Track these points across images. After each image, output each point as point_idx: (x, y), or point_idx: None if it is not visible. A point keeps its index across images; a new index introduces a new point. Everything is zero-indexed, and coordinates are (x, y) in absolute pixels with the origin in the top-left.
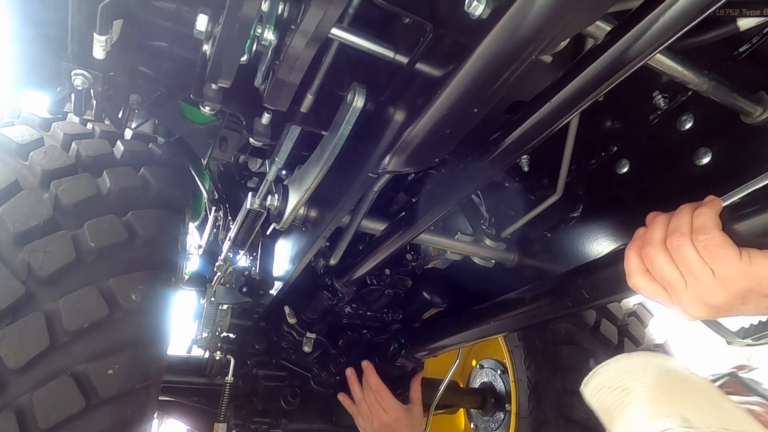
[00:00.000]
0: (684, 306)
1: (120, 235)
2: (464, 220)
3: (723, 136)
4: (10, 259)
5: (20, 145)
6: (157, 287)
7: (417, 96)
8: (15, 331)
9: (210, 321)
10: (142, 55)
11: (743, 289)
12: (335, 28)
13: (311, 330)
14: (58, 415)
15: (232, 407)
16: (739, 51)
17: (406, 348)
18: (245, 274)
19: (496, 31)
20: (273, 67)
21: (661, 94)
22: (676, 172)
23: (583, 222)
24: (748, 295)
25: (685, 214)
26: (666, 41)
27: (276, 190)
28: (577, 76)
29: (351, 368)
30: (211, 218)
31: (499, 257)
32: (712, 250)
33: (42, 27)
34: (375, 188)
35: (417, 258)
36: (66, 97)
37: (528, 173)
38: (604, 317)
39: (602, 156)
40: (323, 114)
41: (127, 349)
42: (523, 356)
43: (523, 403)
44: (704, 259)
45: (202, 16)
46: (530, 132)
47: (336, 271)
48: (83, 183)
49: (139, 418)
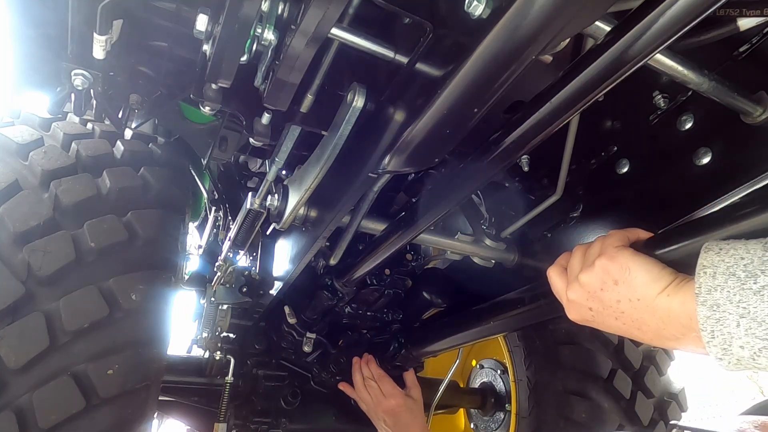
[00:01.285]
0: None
1: (120, 235)
2: (464, 220)
3: (723, 136)
4: (10, 259)
5: (20, 145)
6: (157, 287)
7: (417, 96)
8: (15, 331)
9: (210, 321)
10: (142, 55)
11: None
12: (335, 28)
13: (311, 330)
14: (58, 415)
15: (232, 407)
16: (739, 51)
17: (406, 348)
18: (245, 274)
19: (496, 31)
20: (273, 67)
21: (661, 94)
22: (676, 172)
23: (583, 222)
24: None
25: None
26: (666, 41)
27: (276, 190)
28: (577, 76)
29: (357, 357)
30: (211, 218)
31: (499, 257)
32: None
33: (42, 27)
34: (375, 188)
35: (417, 258)
36: (66, 97)
37: (528, 173)
38: None
39: (602, 156)
40: (323, 114)
41: (127, 349)
42: (523, 356)
43: (524, 403)
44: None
45: (202, 16)
46: (530, 132)
47: (336, 271)
48: (83, 183)
49: (139, 418)
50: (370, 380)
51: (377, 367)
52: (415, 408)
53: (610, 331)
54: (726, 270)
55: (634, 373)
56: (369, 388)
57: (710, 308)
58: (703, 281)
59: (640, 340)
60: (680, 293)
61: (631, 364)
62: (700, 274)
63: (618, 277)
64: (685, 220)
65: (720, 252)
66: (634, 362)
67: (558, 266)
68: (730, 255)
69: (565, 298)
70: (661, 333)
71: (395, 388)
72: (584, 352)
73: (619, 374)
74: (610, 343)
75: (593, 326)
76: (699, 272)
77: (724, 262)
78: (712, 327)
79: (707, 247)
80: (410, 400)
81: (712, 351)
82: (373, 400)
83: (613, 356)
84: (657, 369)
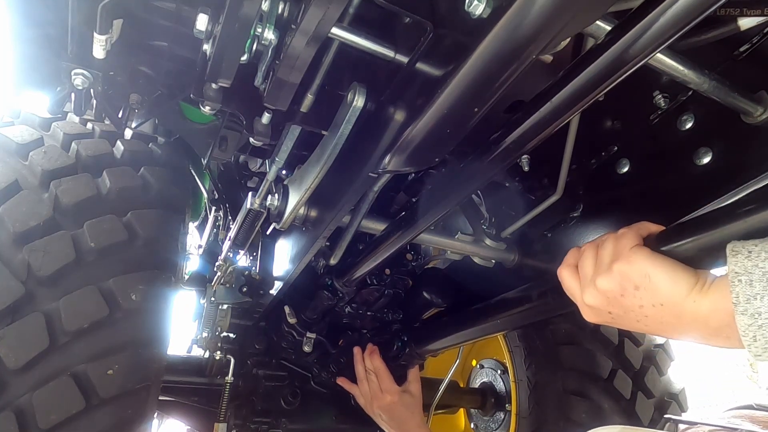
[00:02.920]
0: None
1: (120, 235)
2: (464, 219)
3: (723, 135)
4: (10, 260)
5: (20, 145)
6: (157, 287)
7: (417, 95)
8: (15, 331)
9: (210, 321)
10: (142, 54)
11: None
12: (335, 27)
13: (311, 330)
14: (57, 415)
15: (232, 407)
16: (739, 50)
17: (410, 346)
18: (245, 273)
19: (496, 30)
20: (273, 66)
21: (662, 93)
22: (677, 171)
23: (583, 222)
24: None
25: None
26: (666, 41)
27: (276, 189)
28: (577, 75)
29: (358, 348)
30: (211, 218)
31: (499, 257)
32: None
33: (42, 27)
34: (375, 188)
35: (417, 258)
36: (66, 97)
37: (528, 173)
38: None
39: (602, 156)
40: (323, 114)
41: (127, 349)
42: (523, 356)
43: (524, 403)
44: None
45: (202, 15)
46: (530, 132)
47: (336, 270)
48: (83, 183)
49: (139, 419)
50: (371, 373)
51: (380, 360)
52: (412, 404)
53: (631, 330)
54: (762, 276)
55: (635, 373)
56: (369, 382)
57: (751, 317)
58: (740, 290)
59: (664, 336)
60: (708, 297)
61: (632, 364)
62: (735, 282)
63: (639, 283)
64: (697, 214)
65: (750, 256)
66: (635, 362)
67: (569, 267)
68: (763, 259)
69: (581, 301)
70: (687, 333)
71: (393, 384)
72: (584, 353)
73: (619, 374)
74: (611, 344)
75: (612, 326)
76: (733, 280)
77: (759, 267)
78: (754, 333)
79: (734, 250)
80: (407, 396)
81: (753, 350)
82: (370, 395)
83: (614, 356)
84: (657, 369)
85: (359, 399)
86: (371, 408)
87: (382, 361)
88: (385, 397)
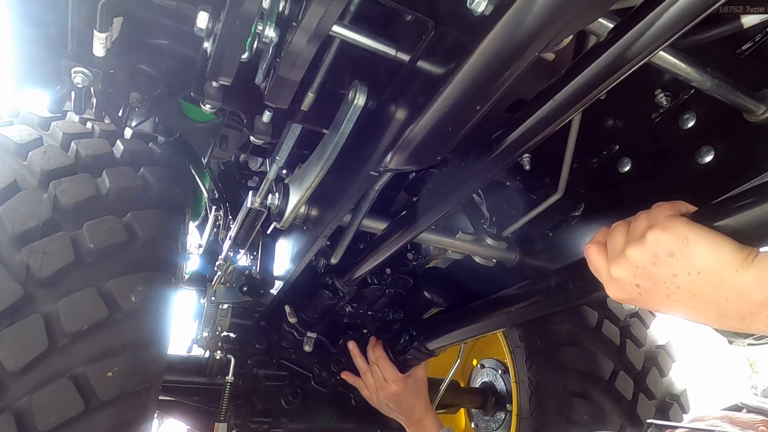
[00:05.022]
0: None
1: (120, 235)
2: (465, 219)
3: (726, 134)
4: (9, 261)
5: (19, 145)
6: (156, 288)
7: (418, 94)
8: (14, 333)
9: (210, 320)
10: (143, 52)
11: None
12: (336, 25)
13: (312, 329)
14: (57, 417)
15: (233, 407)
16: (742, 49)
17: (418, 339)
18: (246, 273)
19: (498, 28)
20: (274, 64)
21: (664, 92)
22: (679, 170)
23: (584, 221)
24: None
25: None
26: (669, 39)
27: (277, 188)
28: (579, 74)
29: (353, 342)
30: (211, 217)
31: (500, 256)
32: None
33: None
34: (376, 187)
35: (418, 257)
36: (66, 96)
37: (529, 172)
38: (605, 318)
39: (604, 155)
40: (324, 112)
41: (127, 351)
42: (524, 357)
43: (525, 403)
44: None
45: (202, 13)
46: (532, 130)
47: (337, 270)
48: (82, 183)
49: (138, 420)
50: (374, 365)
51: (381, 351)
52: (417, 388)
53: (656, 310)
54: None
55: (636, 374)
56: (372, 374)
57: None
58: None
59: (693, 319)
60: (753, 268)
61: (633, 365)
62: None
63: (674, 249)
64: (734, 193)
65: None
66: (636, 363)
67: (597, 244)
68: None
69: (607, 275)
70: (723, 311)
71: (396, 372)
72: (586, 353)
73: (620, 375)
74: (612, 344)
75: (636, 305)
76: None
77: None
78: None
79: None
80: (411, 381)
81: None
82: (375, 386)
83: (615, 357)
84: (659, 370)
85: (363, 392)
86: (377, 399)
87: (383, 352)
88: (391, 387)
